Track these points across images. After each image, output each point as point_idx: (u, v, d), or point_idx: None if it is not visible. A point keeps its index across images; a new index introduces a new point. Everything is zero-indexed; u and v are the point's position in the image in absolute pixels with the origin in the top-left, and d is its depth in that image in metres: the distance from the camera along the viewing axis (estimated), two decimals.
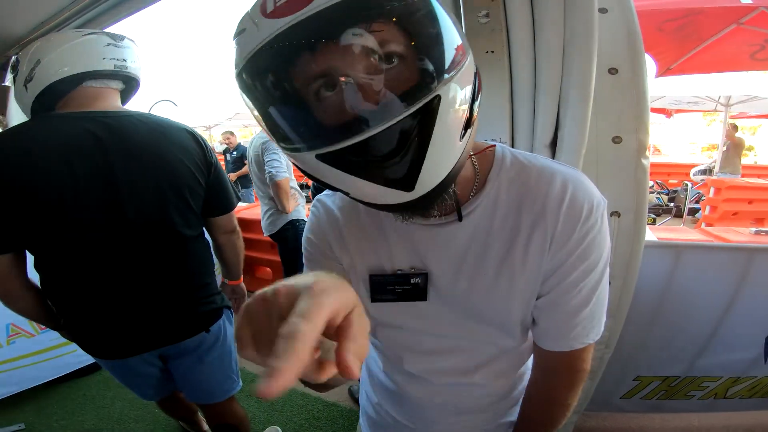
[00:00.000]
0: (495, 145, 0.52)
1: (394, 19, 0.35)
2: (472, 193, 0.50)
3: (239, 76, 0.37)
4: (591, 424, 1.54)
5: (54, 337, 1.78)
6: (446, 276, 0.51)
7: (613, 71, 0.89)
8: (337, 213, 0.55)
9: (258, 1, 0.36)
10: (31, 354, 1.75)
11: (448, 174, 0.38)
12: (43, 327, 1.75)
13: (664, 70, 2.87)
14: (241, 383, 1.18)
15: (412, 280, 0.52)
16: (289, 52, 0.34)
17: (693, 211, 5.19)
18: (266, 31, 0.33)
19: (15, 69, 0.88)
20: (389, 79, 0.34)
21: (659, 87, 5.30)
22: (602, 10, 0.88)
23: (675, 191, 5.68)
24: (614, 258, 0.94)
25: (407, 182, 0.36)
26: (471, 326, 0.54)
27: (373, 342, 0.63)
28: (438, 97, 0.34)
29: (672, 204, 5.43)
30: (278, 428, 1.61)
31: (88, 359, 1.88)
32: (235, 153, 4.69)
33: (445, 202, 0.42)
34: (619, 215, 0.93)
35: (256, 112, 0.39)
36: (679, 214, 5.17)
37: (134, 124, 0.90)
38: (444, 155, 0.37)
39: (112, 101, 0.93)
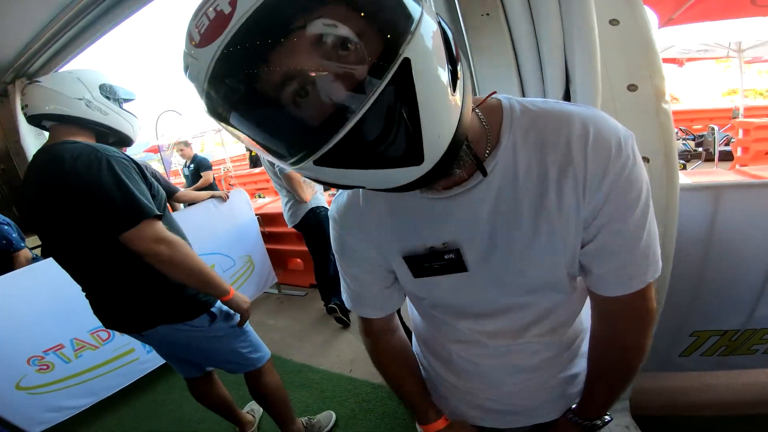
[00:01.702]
0: (498, 97, 0.50)
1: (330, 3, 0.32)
2: (487, 151, 0.47)
3: (211, 114, 0.36)
4: (650, 384, 1.47)
5: (116, 347, 1.95)
6: (481, 243, 0.50)
7: (614, 22, 0.87)
8: (350, 213, 0.56)
9: (186, 35, 0.35)
10: (98, 366, 1.91)
11: (455, 134, 0.35)
12: (104, 339, 1.91)
13: (666, 21, 2.84)
14: (254, 366, 1.32)
15: (446, 257, 0.51)
16: (233, 77, 0.33)
17: (723, 155, 4.90)
18: (204, 61, 0.32)
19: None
20: (350, 62, 0.32)
21: (666, 37, 5.07)
22: None
23: (701, 136, 5.42)
24: None
25: (414, 156, 0.34)
26: (517, 287, 0.52)
27: (424, 312, 0.64)
28: (407, 60, 0.32)
29: (701, 149, 5.23)
30: (333, 412, 1.68)
31: (150, 366, 2.08)
32: (192, 166, 3.99)
33: (464, 162, 0.41)
34: (648, 160, 0.90)
35: (245, 141, 0.37)
36: (709, 158, 4.96)
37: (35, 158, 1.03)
38: (440, 116, 0.34)
39: (49, 138, 1.08)
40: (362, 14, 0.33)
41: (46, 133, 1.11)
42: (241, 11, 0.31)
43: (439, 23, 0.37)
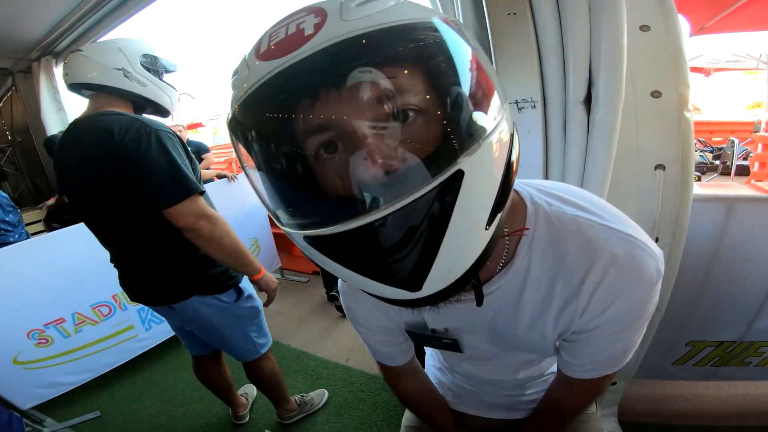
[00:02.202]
0: (521, 192, 0.45)
1: (410, 63, 0.28)
2: (500, 267, 0.45)
3: (228, 124, 0.33)
4: (640, 392, 1.50)
5: (115, 323, 1.95)
6: (480, 335, 0.53)
7: (645, 28, 0.87)
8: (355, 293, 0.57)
9: (256, 41, 0.32)
10: (97, 341, 1.91)
11: (468, 270, 0.30)
12: (105, 314, 1.91)
13: (698, 29, 2.79)
14: (259, 353, 1.33)
15: (445, 341, 0.54)
16: (273, 103, 0.29)
17: (740, 169, 4.88)
18: (255, 76, 0.29)
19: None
20: (400, 140, 0.27)
21: (696, 46, 5.02)
22: None
23: (720, 149, 5.35)
24: (661, 214, 0.92)
25: (412, 282, 0.30)
26: (509, 355, 0.58)
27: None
28: (459, 173, 0.27)
29: (718, 161, 5.14)
30: (325, 390, 1.70)
31: (148, 344, 2.08)
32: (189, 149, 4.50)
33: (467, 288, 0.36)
34: (664, 168, 0.90)
35: (247, 166, 0.33)
36: (725, 172, 4.88)
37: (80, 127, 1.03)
38: (463, 249, 0.30)
39: (88, 107, 1.08)
40: (439, 94, 0.29)
41: (66, 109, 1.12)
42: (321, 38, 0.28)
43: (512, 135, 0.32)
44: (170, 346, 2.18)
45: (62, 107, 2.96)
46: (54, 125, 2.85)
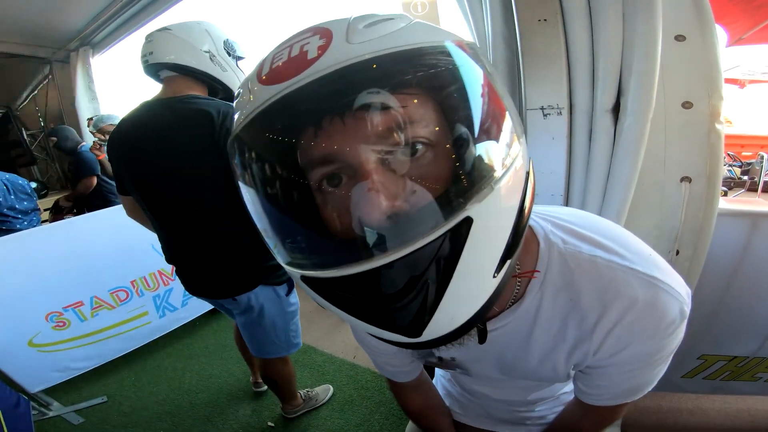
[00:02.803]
0: (535, 228, 0.42)
1: (419, 92, 0.26)
2: (509, 304, 0.43)
3: (228, 149, 0.31)
4: (645, 403, 1.49)
5: (131, 308, 1.97)
6: (488, 366, 0.51)
7: (680, 38, 0.85)
8: None
9: (259, 62, 0.30)
10: (111, 326, 1.94)
11: (471, 318, 0.29)
12: (122, 299, 1.94)
13: (736, 40, 2.68)
14: (288, 352, 1.32)
15: (455, 368, 0.54)
16: (271, 132, 0.27)
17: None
18: (255, 102, 0.27)
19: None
20: (407, 177, 0.26)
21: (732, 56, 4.83)
22: None
23: (749, 164, 5.15)
24: (684, 226, 0.91)
25: (412, 329, 0.28)
26: (519, 383, 0.57)
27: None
28: (468, 220, 0.25)
29: (746, 177, 4.97)
30: (330, 386, 1.72)
31: (160, 332, 2.10)
32: None
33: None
34: (690, 180, 0.89)
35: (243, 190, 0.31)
36: (753, 188, 4.72)
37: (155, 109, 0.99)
38: (467, 299, 0.28)
39: (164, 90, 1.03)
40: (450, 129, 0.26)
41: (99, 98, 1.10)
42: (325, 63, 0.26)
43: (528, 173, 0.30)
44: (181, 334, 2.20)
45: (95, 97, 3.11)
46: (86, 114, 2.98)
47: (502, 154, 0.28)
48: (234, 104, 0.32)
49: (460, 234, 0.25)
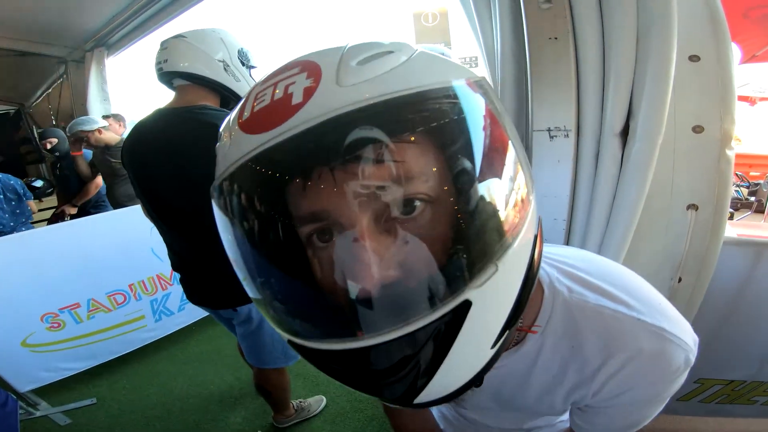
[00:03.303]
0: (542, 280, 0.41)
1: (419, 149, 0.24)
2: (510, 345, 0.43)
3: (211, 196, 0.30)
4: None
5: (128, 312, 1.95)
6: (481, 399, 0.50)
7: (694, 58, 0.82)
8: None
9: (241, 102, 0.28)
10: (107, 329, 1.91)
11: (464, 384, 0.28)
12: (119, 302, 1.92)
13: (749, 57, 2.65)
14: (285, 363, 1.32)
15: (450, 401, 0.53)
16: (252, 187, 0.26)
17: None
18: (235, 153, 0.25)
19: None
20: (402, 246, 0.24)
21: (743, 73, 4.76)
22: None
23: (757, 184, 5.02)
24: (688, 254, 0.89)
25: (404, 399, 0.27)
26: (515, 413, 0.55)
27: None
28: (466, 303, 0.23)
29: (753, 198, 4.86)
30: (323, 397, 1.70)
31: (156, 335, 2.08)
32: None
33: None
34: (696, 208, 0.87)
35: (226, 239, 0.30)
36: (760, 209, 4.61)
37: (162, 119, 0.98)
38: (462, 371, 0.27)
39: (176, 98, 1.02)
40: (454, 194, 0.24)
41: (111, 100, 1.08)
42: (311, 113, 0.23)
43: (536, 237, 0.28)
44: (176, 338, 2.18)
45: (107, 98, 3.14)
46: (97, 114, 2.99)
47: (511, 221, 0.25)
48: (218, 144, 0.30)
49: (458, 316, 0.23)
